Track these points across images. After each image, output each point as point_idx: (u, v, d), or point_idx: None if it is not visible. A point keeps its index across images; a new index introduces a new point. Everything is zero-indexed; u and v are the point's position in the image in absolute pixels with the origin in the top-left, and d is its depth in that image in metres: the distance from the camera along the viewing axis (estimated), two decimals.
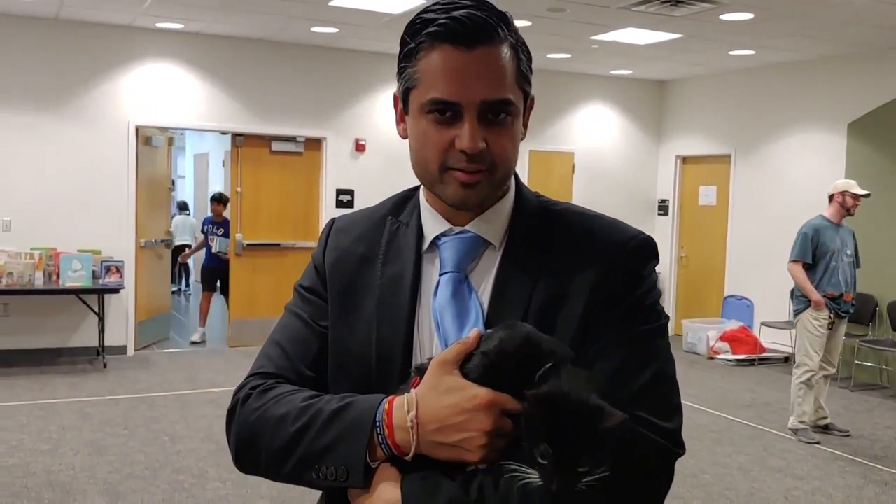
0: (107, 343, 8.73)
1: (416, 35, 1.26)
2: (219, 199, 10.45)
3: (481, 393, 1.13)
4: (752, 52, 9.30)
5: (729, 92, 10.74)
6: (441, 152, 1.26)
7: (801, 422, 6.68)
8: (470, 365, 1.16)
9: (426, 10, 1.26)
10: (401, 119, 1.35)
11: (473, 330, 1.21)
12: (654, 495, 1.21)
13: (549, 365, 1.12)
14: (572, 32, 8.53)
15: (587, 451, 1.06)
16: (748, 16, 7.49)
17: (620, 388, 1.19)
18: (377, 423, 1.17)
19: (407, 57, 1.28)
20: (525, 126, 1.35)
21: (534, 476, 1.08)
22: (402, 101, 1.32)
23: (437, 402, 1.15)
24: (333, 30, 8.79)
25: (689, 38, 8.61)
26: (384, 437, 1.17)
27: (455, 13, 1.23)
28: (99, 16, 8.48)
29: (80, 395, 7.31)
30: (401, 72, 1.30)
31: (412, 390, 1.19)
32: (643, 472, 1.18)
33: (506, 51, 1.25)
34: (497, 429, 1.12)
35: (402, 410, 1.17)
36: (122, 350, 8.97)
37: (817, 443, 6.55)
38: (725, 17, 7.55)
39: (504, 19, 1.26)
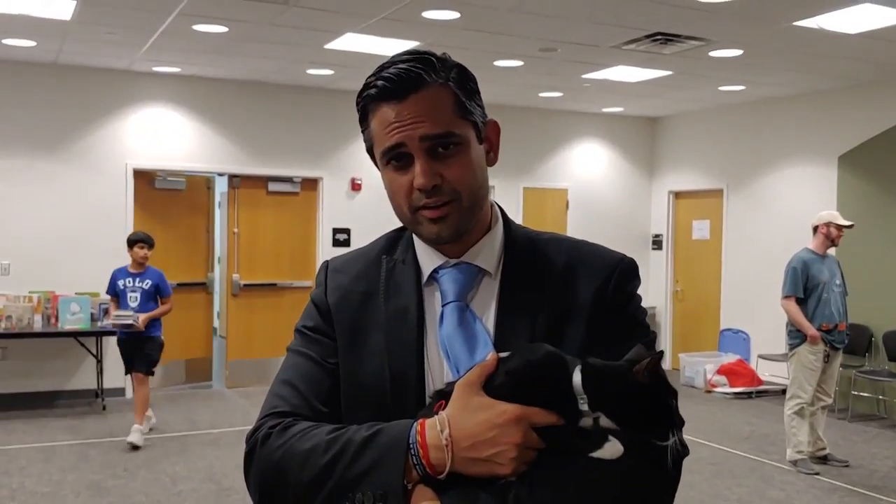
0: (105, 385, 8.73)
1: (361, 103, 1.40)
2: (143, 241, 7.56)
3: (510, 408, 1.21)
4: (741, 88, 9.43)
5: (720, 127, 10.86)
6: (406, 196, 1.36)
7: (799, 452, 6.70)
8: (494, 384, 1.24)
9: (370, 75, 1.39)
10: None
11: (490, 353, 1.28)
12: (667, 494, 1.29)
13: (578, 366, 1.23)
14: (564, 71, 8.65)
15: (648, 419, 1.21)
16: (737, 52, 7.61)
17: None
18: (411, 445, 1.23)
19: (361, 122, 1.42)
20: (494, 151, 1.45)
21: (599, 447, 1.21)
22: (372, 160, 1.44)
23: (469, 419, 1.22)
24: (329, 72, 8.90)
25: (679, 75, 8.74)
26: (419, 458, 1.22)
27: (385, 72, 1.36)
28: (97, 60, 8.59)
29: (79, 438, 7.30)
30: (363, 136, 1.43)
31: (441, 412, 1.25)
32: (659, 476, 1.25)
33: (437, 91, 1.35)
34: (526, 441, 1.20)
35: (435, 430, 1.23)
36: (120, 392, 8.95)
37: (817, 473, 6.57)
38: (715, 53, 7.67)
39: (430, 65, 1.36)
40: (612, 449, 1.21)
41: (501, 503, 1.19)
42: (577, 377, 1.21)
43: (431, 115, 1.33)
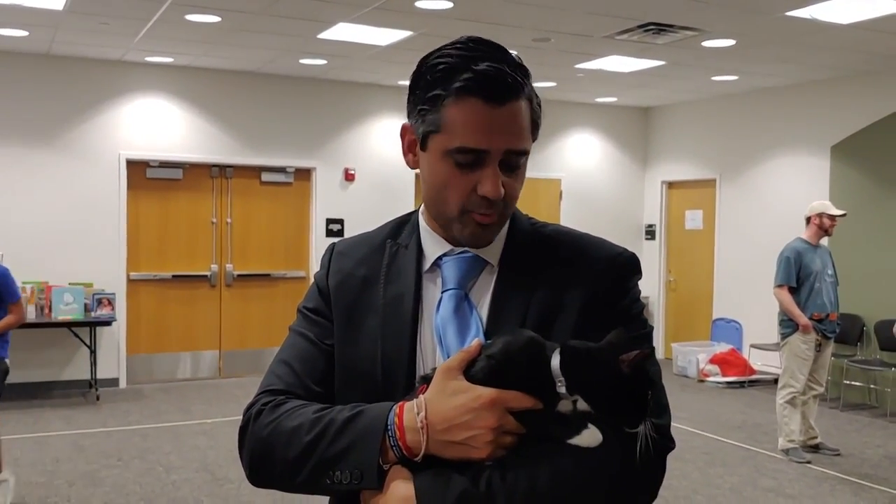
0: (99, 376, 8.74)
1: (442, 82, 1.32)
2: None
3: (485, 392, 1.23)
4: (734, 78, 9.44)
5: (713, 117, 10.88)
6: (463, 196, 1.35)
7: (790, 441, 6.74)
8: (474, 369, 1.26)
9: (446, 55, 1.33)
10: (409, 150, 1.43)
11: (475, 339, 1.31)
12: (649, 486, 1.31)
13: (558, 349, 1.24)
14: (557, 61, 8.65)
15: (617, 396, 1.21)
16: (730, 42, 7.62)
17: None
18: (389, 427, 1.26)
19: (431, 101, 1.33)
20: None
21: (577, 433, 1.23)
22: (421, 140, 1.38)
23: (445, 403, 1.24)
24: (322, 62, 8.89)
25: (672, 65, 8.74)
26: (395, 440, 1.25)
27: (483, 66, 1.30)
28: (89, 51, 8.57)
29: (73, 428, 7.31)
30: (421, 112, 1.35)
31: (420, 396, 1.27)
32: (638, 465, 1.25)
33: (526, 104, 1.35)
34: (502, 426, 1.22)
35: (412, 413, 1.25)
36: (114, 382, 8.97)
37: (808, 462, 6.61)
38: (707, 43, 7.67)
39: (526, 74, 1.35)
40: (590, 437, 1.22)
41: (474, 485, 1.21)
42: (555, 360, 1.21)
43: (519, 130, 1.34)
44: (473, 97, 1.30)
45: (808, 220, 6.81)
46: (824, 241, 6.88)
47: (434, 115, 1.34)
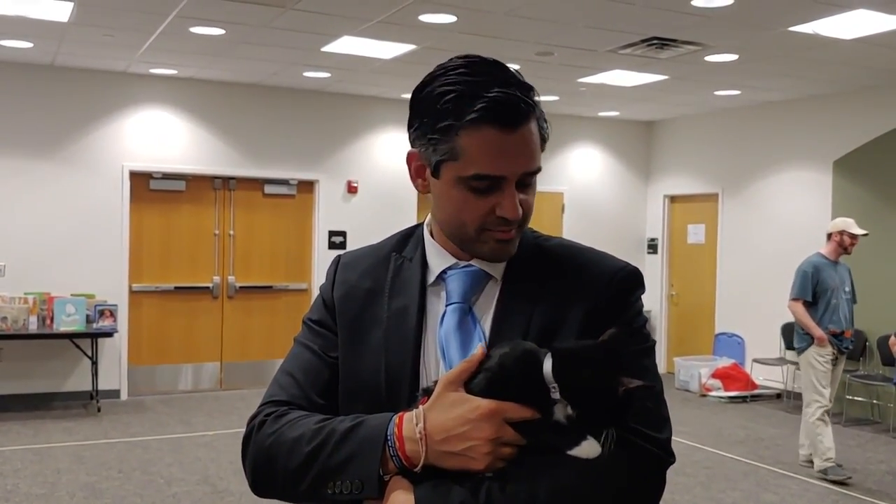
0: (100, 387, 8.73)
1: (454, 112, 1.30)
2: None
3: (483, 404, 1.23)
4: (737, 93, 9.45)
5: (715, 131, 10.89)
6: (480, 217, 1.35)
7: (827, 459, 6.52)
8: (474, 381, 1.27)
9: (452, 82, 1.32)
10: (418, 176, 1.43)
11: (478, 347, 1.31)
12: (649, 500, 1.31)
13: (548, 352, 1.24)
14: (560, 75, 8.67)
15: (608, 409, 1.20)
16: (733, 57, 7.63)
17: None
18: (389, 437, 1.27)
19: (443, 131, 1.32)
20: None
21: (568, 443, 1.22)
22: (433, 168, 1.37)
23: (443, 414, 1.25)
24: (325, 74, 8.91)
25: (674, 80, 8.75)
26: (395, 450, 1.26)
27: (494, 93, 1.29)
28: (94, 62, 8.60)
29: (74, 440, 7.30)
30: (432, 141, 1.34)
31: (420, 406, 1.28)
32: (639, 479, 1.27)
33: (536, 124, 1.36)
34: (500, 437, 1.22)
35: (411, 423, 1.26)
36: (115, 394, 8.96)
37: (849, 478, 6.47)
38: (710, 58, 7.69)
39: (532, 93, 1.36)
40: (589, 448, 1.22)
41: (473, 497, 1.21)
42: (547, 364, 1.22)
43: (532, 151, 1.35)
44: (487, 126, 1.30)
45: (829, 236, 6.78)
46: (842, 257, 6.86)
47: (447, 144, 1.33)
